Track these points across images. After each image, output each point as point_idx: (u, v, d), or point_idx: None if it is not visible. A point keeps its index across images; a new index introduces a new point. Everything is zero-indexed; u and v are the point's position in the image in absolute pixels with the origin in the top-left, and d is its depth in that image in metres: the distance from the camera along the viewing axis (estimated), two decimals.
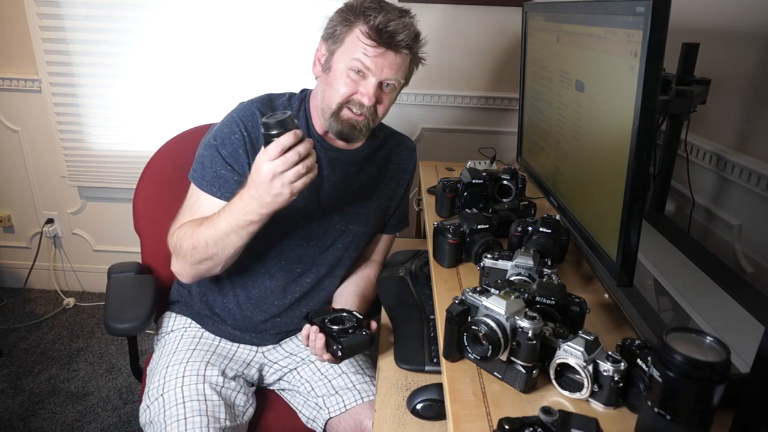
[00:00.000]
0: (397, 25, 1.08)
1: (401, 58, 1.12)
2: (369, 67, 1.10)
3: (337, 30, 1.13)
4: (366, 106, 1.12)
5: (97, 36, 2.08)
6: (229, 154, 1.15)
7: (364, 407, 1.16)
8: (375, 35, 1.08)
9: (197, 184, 1.17)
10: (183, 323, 1.28)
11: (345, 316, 1.09)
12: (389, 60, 1.10)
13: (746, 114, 1.28)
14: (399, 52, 1.11)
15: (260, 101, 1.20)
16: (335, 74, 1.13)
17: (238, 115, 1.17)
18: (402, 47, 1.10)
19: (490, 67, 2.09)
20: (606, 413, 0.77)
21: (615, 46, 0.85)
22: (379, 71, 1.10)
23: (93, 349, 2.21)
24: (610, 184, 0.88)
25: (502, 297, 0.81)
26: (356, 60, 1.09)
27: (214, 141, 1.16)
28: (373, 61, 1.09)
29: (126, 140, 2.24)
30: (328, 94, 1.14)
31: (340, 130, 1.15)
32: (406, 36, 1.09)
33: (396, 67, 1.12)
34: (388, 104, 1.18)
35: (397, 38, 1.09)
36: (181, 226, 1.15)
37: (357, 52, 1.09)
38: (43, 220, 2.46)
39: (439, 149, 2.19)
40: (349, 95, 1.12)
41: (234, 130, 1.15)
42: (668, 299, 0.99)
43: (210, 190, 1.15)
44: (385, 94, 1.15)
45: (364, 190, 1.28)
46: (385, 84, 1.13)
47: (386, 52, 1.09)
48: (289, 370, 1.27)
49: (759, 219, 1.21)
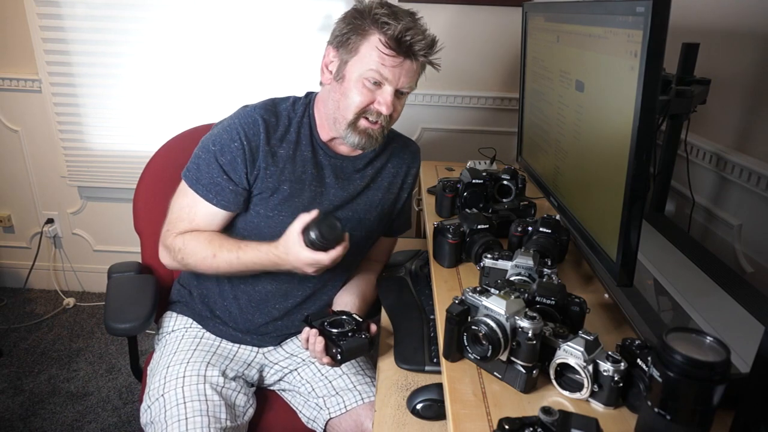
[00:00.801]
0: (415, 34, 1.07)
1: (417, 65, 1.11)
2: (387, 77, 1.08)
3: (351, 39, 1.09)
4: (383, 115, 1.11)
5: (97, 36, 2.08)
6: (227, 163, 1.14)
7: (364, 408, 1.16)
8: (395, 45, 1.06)
9: (190, 185, 1.16)
10: (184, 323, 1.27)
11: (344, 319, 1.09)
12: (406, 68, 1.09)
13: (746, 114, 1.28)
14: (416, 60, 1.10)
15: (264, 107, 1.17)
16: (350, 84, 1.10)
17: (239, 122, 1.14)
18: (420, 55, 1.09)
19: (491, 67, 2.09)
20: (606, 413, 0.77)
21: (615, 46, 0.85)
22: (396, 80, 1.09)
23: (93, 349, 2.21)
24: (610, 184, 0.88)
25: (502, 297, 0.81)
26: (373, 71, 1.08)
27: (213, 146, 1.15)
28: (391, 70, 1.08)
29: (126, 140, 2.24)
30: (344, 105, 1.12)
31: (357, 142, 1.14)
32: (425, 44, 1.08)
33: (412, 74, 1.11)
34: (401, 110, 1.17)
35: (416, 47, 1.07)
36: (184, 236, 1.16)
37: (374, 63, 1.07)
38: (43, 220, 2.47)
39: (439, 149, 2.19)
40: (366, 105, 1.11)
41: (234, 138, 1.13)
42: (668, 299, 0.99)
43: (206, 196, 1.15)
44: (399, 101, 1.14)
45: (367, 196, 1.27)
46: (401, 92, 1.12)
47: (404, 61, 1.08)
48: (290, 371, 1.27)
49: (759, 219, 1.21)
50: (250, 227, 1.20)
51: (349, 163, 1.23)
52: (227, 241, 1.15)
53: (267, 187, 1.16)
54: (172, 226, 1.19)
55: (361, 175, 1.25)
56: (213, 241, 1.14)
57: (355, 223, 1.25)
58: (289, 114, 1.19)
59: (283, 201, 1.17)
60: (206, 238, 1.15)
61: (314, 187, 1.20)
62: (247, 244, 1.12)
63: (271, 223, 1.18)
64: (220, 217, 1.17)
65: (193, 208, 1.17)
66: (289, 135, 1.18)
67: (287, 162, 1.17)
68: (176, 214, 1.19)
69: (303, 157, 1.19)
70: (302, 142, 1.19)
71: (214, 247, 1.13)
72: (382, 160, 1.29)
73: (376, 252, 1.39)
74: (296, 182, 1.18)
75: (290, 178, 1.17)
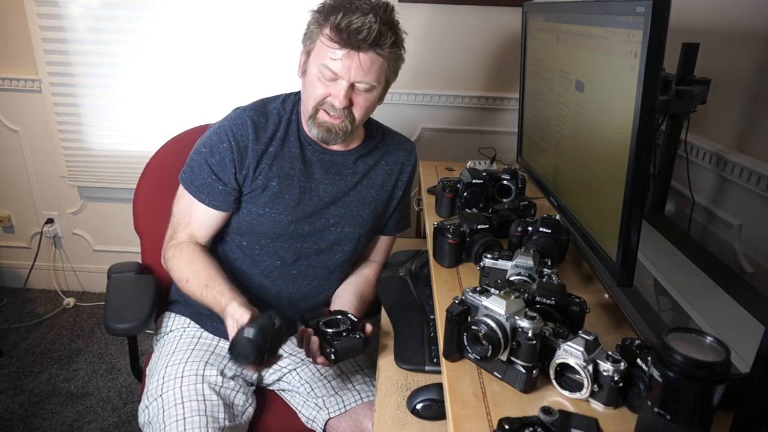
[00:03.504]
0: (357, 23, 1.02)
1: (370, 58, 1.06)
2: (336, 71, 1.07)
3: (312, 32, 1.11)
4: (338, 109, 1.10)
5: (97, 36, 2.08)
6: (216, 163, 1.16)
7: (363, 407, 1.16)
8: (336, 36, 1.04)
9: (186, 187, 1.20)
10: (182, 323, 1.28)
11: (340, 319, 1.09)
12: (356, 61, 1.06)
13: (746, 114, 1.28)
14: (365, 52, 1.06)
15: (253, 108, 1.19)
16: (309, 78, 1.12)
17: (228, 124, 1.17)
18: (366, 46, 1.05)
19: (491, 67, 2.09)
20: (606, 413, 0.77)
21: (615, 46, 0.85)
22: (347, 74, 1.07)
23: (93, 349, 2.21)
24: (610, 184, 0.88)
25: (502, 297, 0.81)
26: (323, 66, 1.07)
27: (203, 148, 1.17)
28: (340, 63, 1.06)
29: (126, 140, 2.24)
30: (305, 97, 1.15)
31: (317, 134, 1.15)
32: (368, 32, 1.03)
33: (366, 68, 1.07)
34: (366, 105, 1.13)
35: (359, 37, 1.03)
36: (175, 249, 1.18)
37: (325, 57, 1.07)
38: (43, 220, 2.46)
39: (439, 149, 2.19)
40: (323, 97, 1.11)
41: (222, 139, 1.15)
42: (668, 299, 0.99)
43: (199, 197, 1.18)
44: (359, 95, 1.11)
45: (360, 193, 1.27)
46: (360, 85, 1.10)
47: (351, 53, 1.05)
48: (289, 371, 1.27)
49: (759, 219, 1.21)
50: (243, 225, 1.22)
51: (338, 158, 1.24)
52: (203, 271, 1.14)
53: (257, 185, 1.18)
54: (173, 231, 1.21)
55: (353, 170, 1.25)
56: (191, 265, 1.15)
57: (348, 220, 1.26)
58: (279, 112, 1.20)
59: (273, 197, 1.19)
60: (187, 261, 1.16)
61: (303, 183, 1.21)
62: (213, 286, 1.11)
63: (263, 220, 1.19)
64: (215, 217, 1.20)
65: (189, 211, 1.19)
66: (278, 132, 1.19)
67: (275, 159, 1.18)
68: (176, 218, 1.22)
69: (291, 153, 1.19)
70: (290, 139, 1.20)
71: (190, 272, 1.14)
72: (375, 157, 1.29)
73: (374, 251, 1.39)
74: (284, 178, 1.19)
75: (278, 174, 1.18)
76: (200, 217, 1.20)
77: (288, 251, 1.23)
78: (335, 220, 1.25)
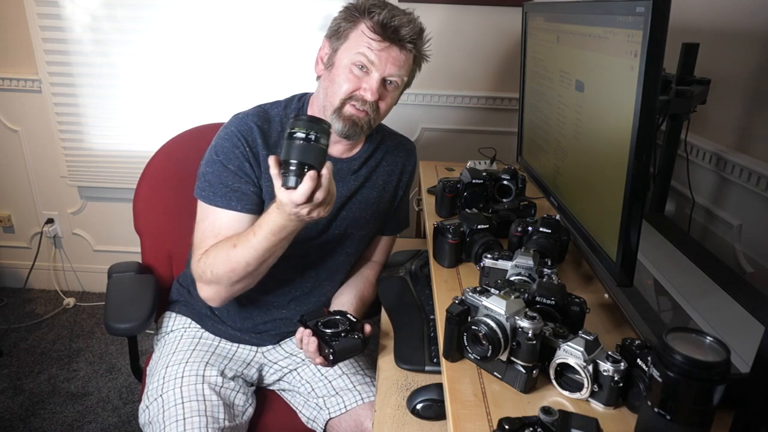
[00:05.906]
0: (401, 20, 1.09)
1: (405, 55, 1.12)
2: (373, 62, 1.10)
3: (341, 27, 1.13)
4: (369, 102, 1.11)
5: (97, 36, 2.08)
6: (237, 168, 1.13)
7: (364, 408, 1.16)
8: (380, 29, 1.09)
9: (209, 202, 1.13)
10: (183, 323, 1.27)
11: (338, 320, 1.09)
12: (393, 55, 1.10)
13: (746, 114, 1.28)
14: (403, 48, 1.11)
15: (255, 115, 1.17)
16: (338, 70, 1.12)
17: (236, 129, 1.14)
18: (406, 42, 1.10)
19: (490, 67, 2.09)
20: (606, 413, 0.77)
21: (615, 46, 0.85)
22: (383, 66, 1.10)
23: (93, 349, 2.21)
24: (610, 184, 0.88)
25: (502, 297, 0.81)
26: (360, 54, 1.09)
27: (216, 156, 1.14)
28: (377, 55, 1.09)
29: (126, 140, 2.24)
30: (331, 91, 1.14)
31: (341, 129, 1.14)
32: (411, 30, 1.10)
33: (400, 63, 1.12)
34: (391, 103, 1.17)
35: (401, 32, 1.09)
36: (206, 252, 1.10)
37: (361, 47, 1.09)
38: (43, 220, 2.46)
39: (439, 149, 2.19)
40: (352, 91, 1.12)
41: (236, 144, 1.13)
42: (668, 299, 0.99)
43: (227, 205, 1.12)
44: (387, 91, 1.14)
45: (362, 195, 1.27)
46: (388, 81, 1.13)
47: (390, 46, 1.10)
48: (289, 371, 1.27)
49: (759, 219, 1.21)
50: None
51: (343, 164, 1.23)
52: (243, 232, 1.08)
53: (268, 191, 1.16)
54: (196, 250, 1.14)
55: (356, 176, 1.25)
56: (230, 238, 1.09)
57: (350, 222, 1.26)
58: (281, 118, 1.19)
59: None
60: (222, 241, 1.10)
61: None
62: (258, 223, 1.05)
63: None
64: (246, 222, 1.12)
65: (215, 224, 1.12)
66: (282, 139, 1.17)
67: None
68: (199, 237, 1.14)
69: None
70: None
71: (231, 240, 1.08)
72: (377, 158, 1.29)
73: (374, 251, 1.39)
74: None
75: None
76: (231, 226, 1.11)
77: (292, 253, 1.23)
78: (338, 222, 1.24)
